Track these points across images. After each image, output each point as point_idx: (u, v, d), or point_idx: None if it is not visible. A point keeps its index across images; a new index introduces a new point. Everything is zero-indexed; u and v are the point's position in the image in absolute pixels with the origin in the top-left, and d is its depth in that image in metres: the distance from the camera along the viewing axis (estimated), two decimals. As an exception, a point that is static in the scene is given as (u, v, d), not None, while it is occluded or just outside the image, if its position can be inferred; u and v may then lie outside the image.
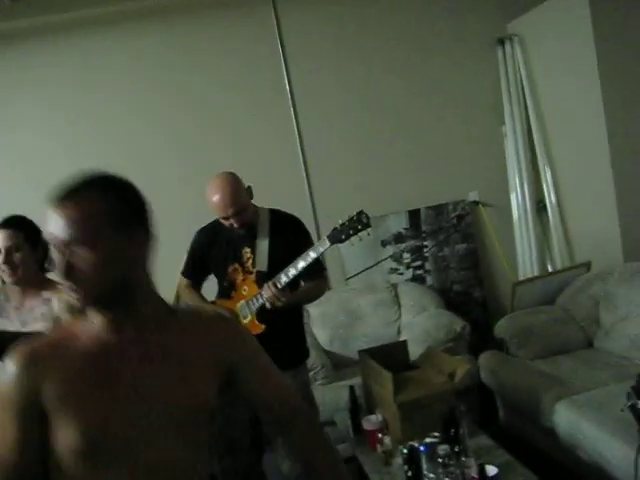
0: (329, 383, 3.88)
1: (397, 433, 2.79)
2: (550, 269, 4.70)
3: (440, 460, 2.38)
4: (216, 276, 2.93)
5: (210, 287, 2.99)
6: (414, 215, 4.74)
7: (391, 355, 3.22)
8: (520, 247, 4.81)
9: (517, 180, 4.76)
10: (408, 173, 4.76)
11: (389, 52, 4.73)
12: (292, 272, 2.61)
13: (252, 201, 2.78)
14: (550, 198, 4.66)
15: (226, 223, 2.71)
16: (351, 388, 3.20)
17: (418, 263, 4.75)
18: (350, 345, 4.20)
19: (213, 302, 2.89)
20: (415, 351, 3.40)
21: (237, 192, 2.66)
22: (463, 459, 2.45)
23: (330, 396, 3.64)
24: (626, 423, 2.60)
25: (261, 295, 2.66)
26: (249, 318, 2.72)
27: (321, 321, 4.35)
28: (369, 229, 2.55)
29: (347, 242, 2.56)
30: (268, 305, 2.62)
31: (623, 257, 4.04)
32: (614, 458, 2.66)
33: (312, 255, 2.58)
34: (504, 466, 2.53)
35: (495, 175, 4.87)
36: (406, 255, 4.74)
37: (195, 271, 2.98)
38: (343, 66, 4.68)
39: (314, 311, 4.34)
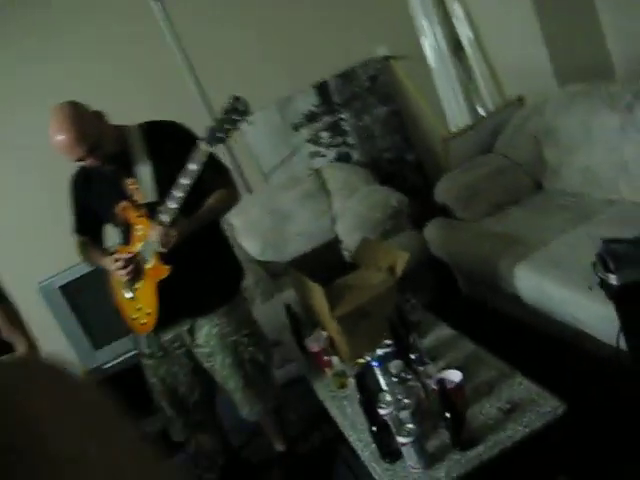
0: (270, 299, 3.47)
1: (344, 350, 2.42)
2: (483, 114, 4.24)
3: (395, 379, 2.03)
4: (108, 222, 2.40)
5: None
6: (322, 88, 4.16)
7: (324, 258, 2.82)
8: (445, 96, 4.31)
9: (425, 21, 4.19)
10: (305, 43, 4.12)
11: None
12: (179, 194, 2.10)
13: (115, 124, 2.23)
14: (466, 34, 4.13)
15: (86, 164, 2.17)
16: (288, 307, 2.77)
17: (339, 140, 4.23)
18: (284, 249, 3.75)
19: (112, 253, 2.34)
20: (354, 241, 3.02)
21: (81, 126, 2.06)
22: (421, 368, 2.09)
23: (272, 314, 3.19)
24: (589, 275, 2.27)
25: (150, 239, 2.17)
26: (152, 262, 2.23)
27: (247, 231, 3.86)
28: (250, 116, 2.06)
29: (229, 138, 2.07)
30: (161, 248, 2.14)
31: (557, 83, 3.57)
32: (585, 316, 2.37)
33: (193, 167, 2.07)
34: (470, 358, 2.21)
35: (401, 22, 4.26)
36: (324, 134, 4.21)
37: (85, 224, 2.44)
38: None
39: (236, 221, 3.84)
